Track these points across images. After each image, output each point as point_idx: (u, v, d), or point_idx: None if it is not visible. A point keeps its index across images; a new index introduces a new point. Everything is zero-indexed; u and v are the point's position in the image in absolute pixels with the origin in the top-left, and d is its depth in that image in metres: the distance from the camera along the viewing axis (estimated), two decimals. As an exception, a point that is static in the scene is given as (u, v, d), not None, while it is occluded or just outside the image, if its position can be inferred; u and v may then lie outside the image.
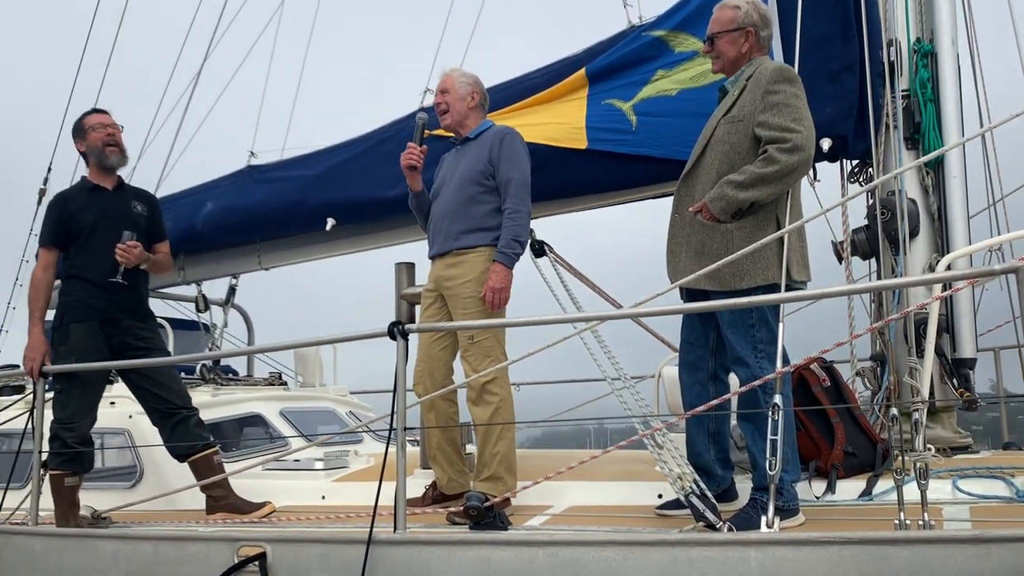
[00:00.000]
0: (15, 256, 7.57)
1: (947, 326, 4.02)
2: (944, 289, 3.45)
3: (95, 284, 4.18)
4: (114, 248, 4.14)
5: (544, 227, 4.84)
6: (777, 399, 2.85)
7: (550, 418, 5.54)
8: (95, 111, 4.47)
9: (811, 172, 4.22)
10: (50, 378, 4.13)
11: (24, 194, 7.33)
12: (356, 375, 6.86)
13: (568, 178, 4.64)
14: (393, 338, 3.11)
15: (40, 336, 4.18)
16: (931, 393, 3.78)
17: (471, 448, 4.21)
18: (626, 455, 4.53)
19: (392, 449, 3.07)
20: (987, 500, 3.23)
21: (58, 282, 4.34)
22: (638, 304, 3.06)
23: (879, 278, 4.13)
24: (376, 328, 3.18)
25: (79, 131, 4.37)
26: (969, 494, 3.29)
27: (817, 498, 3.45)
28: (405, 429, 3.09)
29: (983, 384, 4.55)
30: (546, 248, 4.66)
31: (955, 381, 3.95)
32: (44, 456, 4.05)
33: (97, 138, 4.31)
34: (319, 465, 4.61)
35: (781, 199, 3.20)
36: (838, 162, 4.33)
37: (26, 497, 4.13)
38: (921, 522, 2.65)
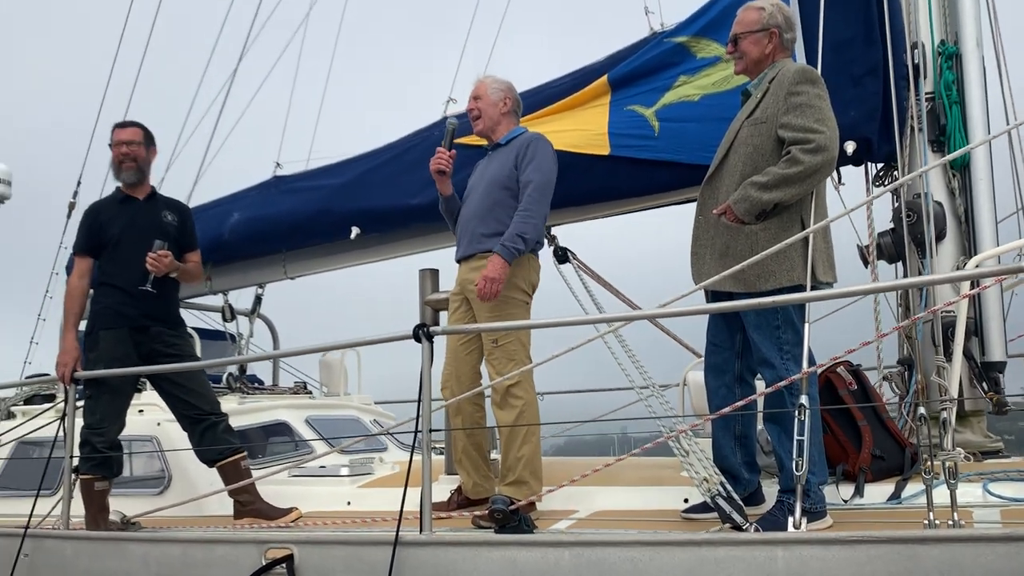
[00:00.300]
0: (47, 269, 7.71)
1: (976, 329, 3.98)
2: (972, 287, 3.41)
3: (124, 291, 4.25)
4: (143, 257, 4.21)
5: (571, 233, 4.87)
6: (803, 399, 2.84)
7: (576, 420, 5.52)
8: (120, 125, 4.55)
9: (836, 175, 4.22)
10: (81, 384, 4.19)
11: (58, 207, 7.47)
12: (381, 385, 6.88)
13: (591, 184, 4.65)
14: (418, 340, 3.13)
15: (73, 342, 4.25)
16: (960, 394, 3.75)
17: (496, 455, 4.22)
18: (652, 461, 4.53)
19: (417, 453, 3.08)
20: (1018, 503, 3.19)
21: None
22: (663, 305, 3.06)
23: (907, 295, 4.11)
24: (400, 331, 3.20)
25: (110, 142, 4.48)
26: (1000, 497, 3.25)
27: (845, 501, 3.43)
28: (431, 431, 3.10)
29: (1016, 392, 4.50)
30: (569, 255, 4.69)
31: (984, 384, 3.91)
32: (75, 461, 4.11)
33: (114, 155, 4.43)
34: (344, 471, 4.64)
35: (806, 200, 3.19)
36: (863, 166, 4.32)
37: (57, 502, 4.19)
38: (951, 522, 2.62)
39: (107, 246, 4.34)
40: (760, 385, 3.35)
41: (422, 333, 3.13)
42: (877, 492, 3.46)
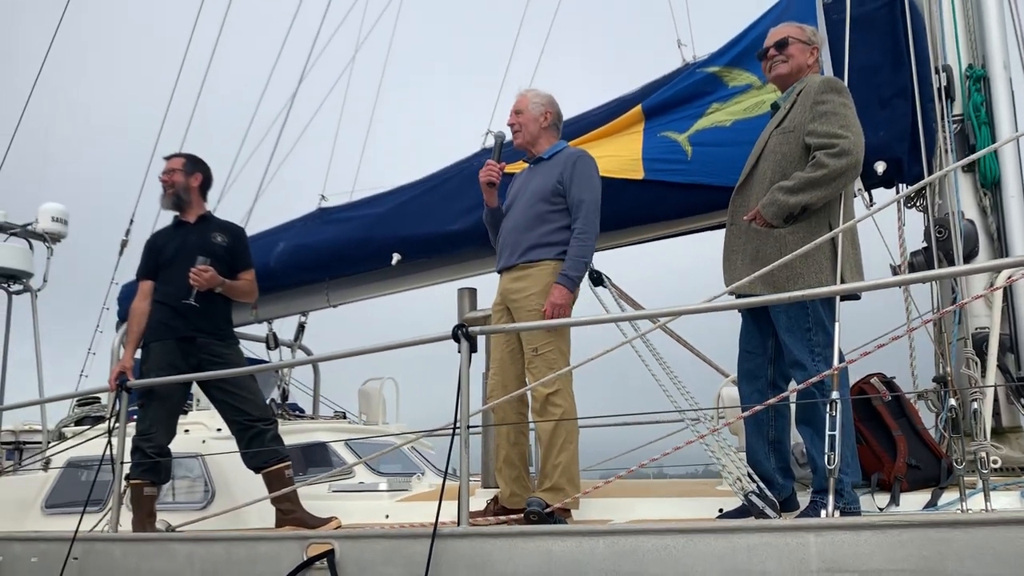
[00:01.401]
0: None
1: (1011, 345, 3.99)
2: (1004, 299, 3.45)
3: (170, 307, 4.49)
4: (187, 273, 4.43)
5: (605, 258, 4.97)
6: (834, 394, 2.89)
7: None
8: (166, 157, 4.86)
9: (867, 196, 4.30)
10: (132, 393, 4.36)
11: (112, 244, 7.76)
12: (419, 416, 6.97)
13: (626, 208, 4.76)
14: (457, 340, 3.24)
15: (128, 357, 4.46)
16: (995, 409, 3.75)
17: (533, 469, 4.27)
18: (690, 481, 4.55)
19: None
20: (1057, 509, 3.17)
21: None
22: (702, 302, 3.11)
23: (938, 299, 4.14)
24: (441, 332, 3.32)
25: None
26: (1038, 504, 3.24)
27: (880, 510, 3.43)
28: (469, 428, 3.19)
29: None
30: (604, 278, 4.79)
31: (1022, 400, 3.90)
32: (126, 468, 4.25)
33: (160, 182, 4.73)
34: (383, 487, 4.72)
35: (834, 206, 3.29)
36: (894, 187, 4.39)
37: (105, 514, 4.32)
38: (984, 510, 2.63)
39: (161, 268, 4.60)
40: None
41: (461, 333, 3.24)
42: (913, 501, 3.45)
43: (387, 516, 4.43)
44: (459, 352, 3.25)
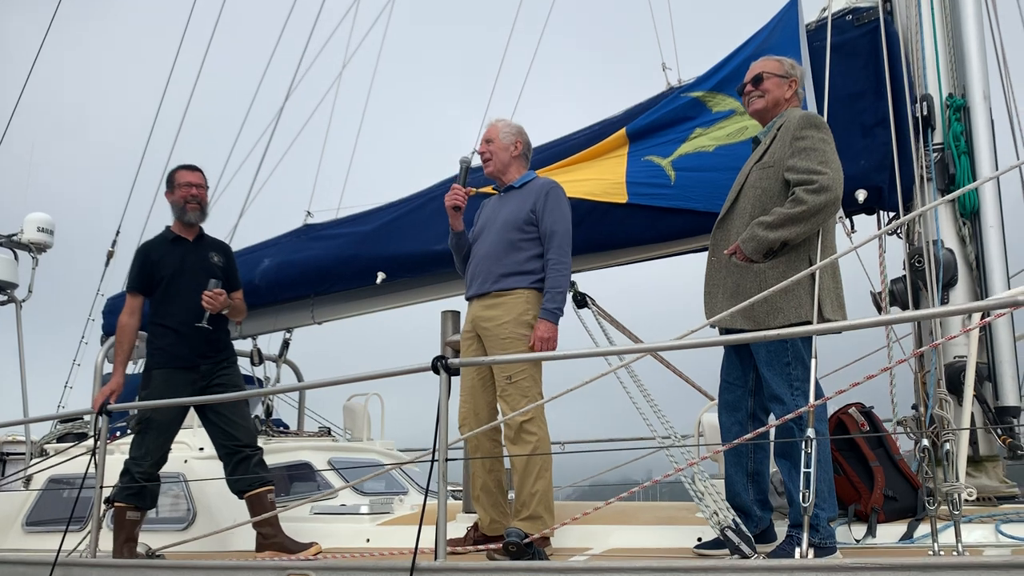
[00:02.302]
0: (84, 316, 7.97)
1: (989, 374, 4.02)
2: (981, 330, 3.47)
3: (177, 331, 4.44)
4: (194, 296, 4.41)
5: (591, 280, 4.99)
6: (810, 432, 2.90)
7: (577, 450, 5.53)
8: (187, 167, 4.71)
9: (848, 223, 4.32)
10: (112, 417, 4.34)
11: (97, 255, 7.75)
12: (402, 432, 6.97)
13: (609, 231, 4.78)
14: (436, 372, 3.24)
15: (119, 378, 4.42)
16: (973, 438, 3.78)
17: (512, 494, 4.28)
18: (668, 504, 4.56)
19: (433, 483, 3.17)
20: (1031, 543, 3.20)
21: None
22: (675, 339, 3.14)
23: (919, 328, 4.16)
24: (421, 363, 3.32)
25: (170, 183, 4.65)
26: (1012, 537, 3.26)
27: (857, 541, 3.45)
28: (447, 460, 3.19)
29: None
30: (588, 300, 4.80)
31: (998, 429, 3.93)
32: (106, 492, 4.23)
33: (181, 196, 4.59)
34: (364, 509, 4.71)
35: (813, 240, 3.30)
36: (875, 214, 4.42)
37: (85, 535, 4.30)
38: (955, 552, 2.65)
39: (158, 285, 4.51)
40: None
41: (440, 365, 3.24)
42: (890, 532, 3.48)
43: (368, 540, 4.42)
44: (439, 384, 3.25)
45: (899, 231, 4.37)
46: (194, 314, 4.41)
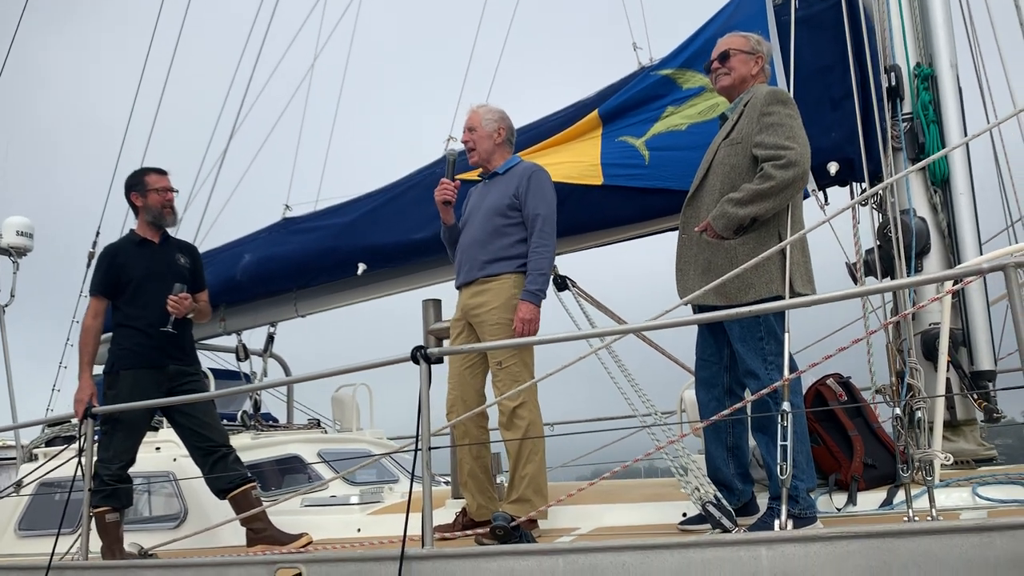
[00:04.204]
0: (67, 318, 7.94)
1: (964, 339, 4.08)
2: (953, 297, 3.51)
3: (144, 333, 4.43)
4: (161, 299, 4.40)
5: (570, 261, 5.02)
6: (785, 406, 2.95)
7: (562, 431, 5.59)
8: (156, 171, 4.69)
9: (822, 196, 4.36)
10: (97, 419, 4.35)
11: (76, 257, 7.71)
12: (393, 420, 7.00)
13: (586, 213, 4.80)
14: (416, 362, 3.27)
15: (88, 380, 4.43)
16: (949, 402, 3.83)
17: (502, 478, 4.32)
18: (656, 481, 4.62)
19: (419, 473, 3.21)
20: (1006, 504, 3.26)
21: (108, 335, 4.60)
22: (651, 319, 3.18)
23: (896, 297, 4.21)
24: (401, 354, 3.35)
25: (140, 186, 4.60)
26: (989, 499, 3.32)
27: (838, 510, 3.50)
28: (430, 449, 3.23)
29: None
30: (568, 283, 4.83)
31: (974, 394, 3.99)
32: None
33: (157, 200, 4.58)
34: (355, 500, 4.75)
35: (782, 216, 3.34)
36: (848, 186, 4.46)
37: (77, 538, 4.32)
38: (930, 517, 2.70)
39: (126, 289, 4.51)
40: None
41: (420, 355, 3.27)
42: (870, 499, 3.53)
43: (359, 530, 4.46)
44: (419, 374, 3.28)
45: (871, 201, 4.41)
46: (160, 317, 4.41)
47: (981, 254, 4.12)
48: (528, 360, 3.99)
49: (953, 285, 3.50)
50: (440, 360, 3.98)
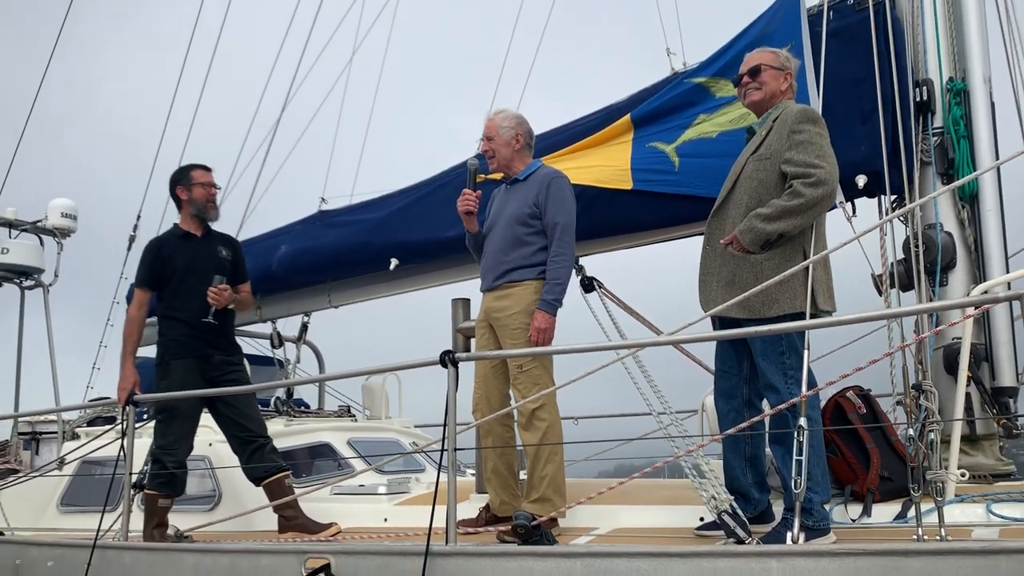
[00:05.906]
0: (108, 298, 8.18)
1: (986, 355, 4.11)
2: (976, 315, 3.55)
3: (188, 324, 4.63)
4: (203, 291, 4.58)
5: (597, 264, 5.10)
6: (802, 421, 3.03)
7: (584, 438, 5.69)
8: (203, 167, 4.89)
9: (850, 207, 4.39)
10: (139, 407, 4.54)
11: (118, 239, 7.94)
12: (421, 409, 7.17)
13: (615, 217, 4.88)
14: (444, 366, 3.39)
15: (131, 369, 4.61)
16: (971, 420, 3.88)
17: (524, 475, 4.44)
18: (676, 483, 4.70)
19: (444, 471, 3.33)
20: (1019, 523, 3.31)
21: (152, 319, 4.79)
22: (674, 332, 3.27)
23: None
24: (429, 357, 3.47)
25: (186, 180, 4.80)
26: (1002, 517, 3.37)
27: (853, 521, 3.58)
28: (456, 450, 3.35)
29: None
30: (595, 283, 4.91)
31: (995, 410, 4.03)
32: (134, 478, 4.44)
33: (202, 195, 4.78)
34: (382, 490, 4.90)
35: (807, 232, 3.40)
36: (876, 198, 4.48)
37: (118, 517, 4.52)
38: (939, 537, 2.77)
39: (170, 281, 4.70)
40: (767, 409, 3.54)
41: (448, 359, 3.39)
42: (885, 512, 3.60)
43: (385, 519, 4.61)
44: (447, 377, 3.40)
45: (899, 217, 4.43)
46: (203, 309, 4.58)
47: (1008, 270, 4.15)
48: (548, 364, 4.10)
49: (975, 309, 3.54)
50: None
